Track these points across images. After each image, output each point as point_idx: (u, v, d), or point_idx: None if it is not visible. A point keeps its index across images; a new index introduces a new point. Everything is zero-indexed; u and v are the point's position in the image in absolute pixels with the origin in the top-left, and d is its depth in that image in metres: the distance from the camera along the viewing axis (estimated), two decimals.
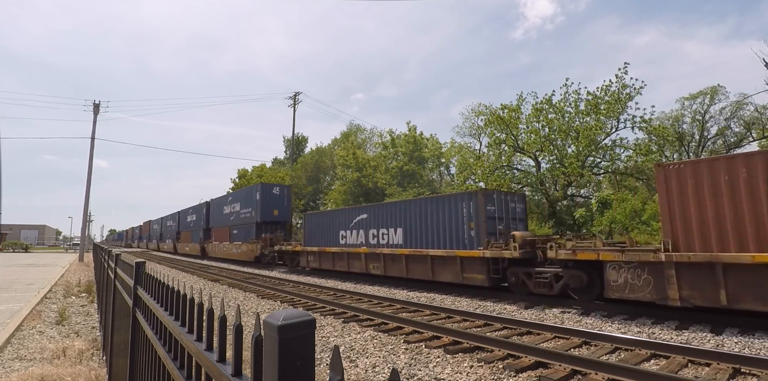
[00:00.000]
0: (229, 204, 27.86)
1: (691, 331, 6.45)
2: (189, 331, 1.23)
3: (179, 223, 38.70)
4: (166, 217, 45.28)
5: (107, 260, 5.31)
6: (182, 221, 39.57)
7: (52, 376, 4.34)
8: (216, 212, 30.53)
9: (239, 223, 25.54)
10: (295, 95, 38.43)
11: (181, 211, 40.72)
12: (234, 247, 25.11)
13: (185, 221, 38.51)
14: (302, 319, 0.63)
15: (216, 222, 30.25)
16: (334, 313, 8.41)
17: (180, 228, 38.47)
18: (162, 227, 46.99)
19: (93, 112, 28.65)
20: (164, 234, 45.62)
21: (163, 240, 46.40)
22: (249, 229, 23.82)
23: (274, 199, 23.91)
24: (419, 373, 4.80)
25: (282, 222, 24.14)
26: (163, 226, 45.76)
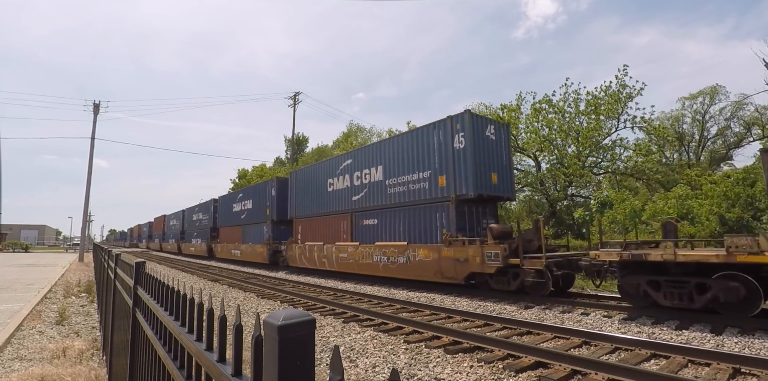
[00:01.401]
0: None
1: (691, 331, 6.44)
2: (189, 331, 1.24)
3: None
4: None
5: (107, 260, 5.31)
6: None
7: (52, 376, 4.34)
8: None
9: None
10: (295, 95, 38.45)
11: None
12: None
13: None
14: (302, 319, 0.63)
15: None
16: (334, 313, 8.41)
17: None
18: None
19: (93, 112, 28.65)
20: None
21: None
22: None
23: None
24: (419, 373, 4.80)
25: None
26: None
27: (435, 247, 11.41)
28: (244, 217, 24.68)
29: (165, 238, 46.51)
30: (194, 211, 35.56)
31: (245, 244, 23.84)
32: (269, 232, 21.29)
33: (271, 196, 21.65)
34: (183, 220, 38.97)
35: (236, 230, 25.61)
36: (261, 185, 23.49)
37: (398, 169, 13.47)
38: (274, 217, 21.19)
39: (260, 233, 22.23)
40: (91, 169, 28.04)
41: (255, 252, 22.22)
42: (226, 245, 26.84)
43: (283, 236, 20.68)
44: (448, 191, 11.67)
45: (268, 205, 21.82)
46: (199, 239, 32.70)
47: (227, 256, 26.44)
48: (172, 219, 43.23)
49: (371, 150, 14.96)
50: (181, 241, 38.32)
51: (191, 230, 35.83)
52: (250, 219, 23.81)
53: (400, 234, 13.02)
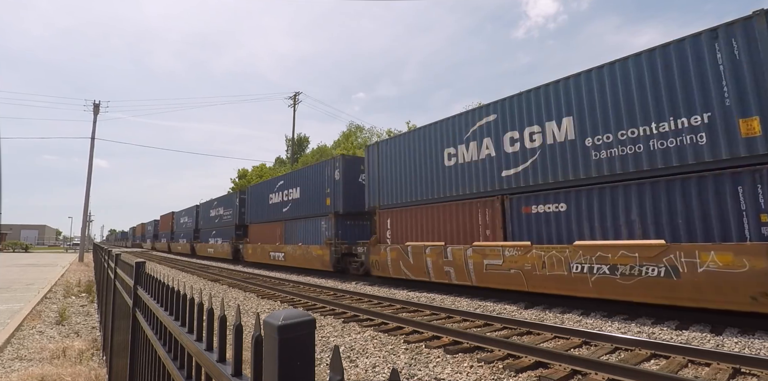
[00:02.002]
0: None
1: (691, 331, 6.45)
2: (189, 331, 1.24)
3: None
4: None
5: (107, 260, 5.31)
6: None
7: (52, 376, 4.34)
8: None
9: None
10: (295, 95, 38.46)
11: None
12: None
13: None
14: (302, 319, 0.63)
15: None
16: (334, 313, 8.41)
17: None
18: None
19: (93, 112, 28.65)
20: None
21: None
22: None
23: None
24: (419, 373, 4.80)
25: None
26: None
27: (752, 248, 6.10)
28: (288, 210, 19.61)
29: (174, 237, 42.31)
30: (212, 205, 31.06)
31: (291, 244, 18.80)
32: (332, 229, 15.96)
33: (334, 180, 16.30)
34: (197, 217, 34.38)
35: (274, 227, 20.72)
36: (316, 168, 17.92)
37: (606, 115, 8.14)
38: (339, 209, 15.82)
39: (316, 230, 17.09)
40: (91, 169, 28.05)
41: (309, 256, 17.14)
42: (261, 246, 21.56)
43: (352, 235, 16.11)
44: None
45: (328, 192, 16.58)
46: (220, 239, 28.36)
47: (262, 259, 21.36)
48: (183, 216, 38.84)
49: (551, 91, 9.19)
50: (196, 240, 33.96)
51: (209, 228, 31.30)
52: (298, 212, 18.77)
53: (629, 226, 7.68)
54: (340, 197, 15.99)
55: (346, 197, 15.91)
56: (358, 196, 15.65)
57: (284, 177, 21.10)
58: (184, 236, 38.36)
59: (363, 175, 15.69)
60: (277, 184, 21.36)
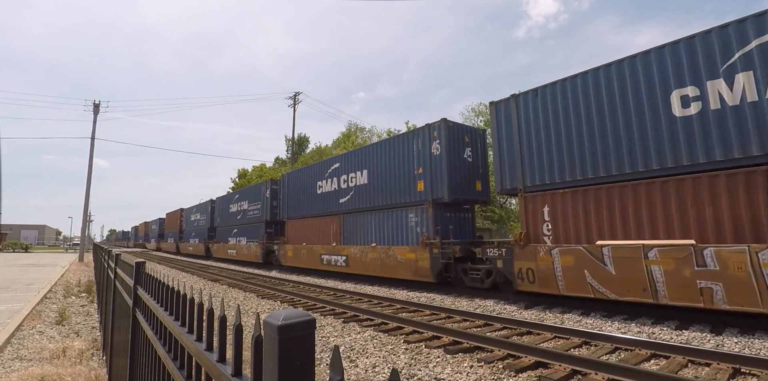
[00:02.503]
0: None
1: (691, 331, 6.45)
2: (189, 331, 1.24)
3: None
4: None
5: (107, 260, 5.31)
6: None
7: (52, 376, 4.34)
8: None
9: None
10: (295, 95, 38.45)
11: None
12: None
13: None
14: (302, 319, 0.63)
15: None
16: (334, 313, 8.41)
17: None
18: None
19: (93, 112, 28.66)
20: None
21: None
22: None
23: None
24: (419, 373, 4.80)
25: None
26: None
27: None
28: (349, 200, 15.32)
29: (184, 237, 38.51)
30: (233, 199, 27.24)
31: (357, 245, 14.43)
32: (428, 224, 11.74)
33: (431, 156, 11.98)
34: (212, 214, 30.81)
35: (326, 223, 16.58)
36: (398, 141, 13.24)
37: None
38: (443, 195, 11.49)
39: (400, 225, 12.80)
40: (91, 169, 28.05)
41: (390, 261, 12.70)
42: (309, 248, 17.18)
43: (454, 231, 11.95)
44: None
45: (420, 174, 12.31)
46: (244, 238, 24.44)
47: (309, 264, 17.12)
48: (195, 213, 35.24)
49: None
50: (211, 240, 30.58)
51: (228, 226, 27.60)
52: (365, 202, 14.40)
53: None
54: (443, 180, 11.48)
55: (453, 179, 11.55)
56: (465, 178, 11.98)
57: (340, 158, 16.42)
58: (196, 235, 34.38)
59: (469, 149, 12.24)
60: (329, 168, 16.92)
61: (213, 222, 31.04)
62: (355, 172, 15.29)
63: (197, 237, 34.07)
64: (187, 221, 37.91)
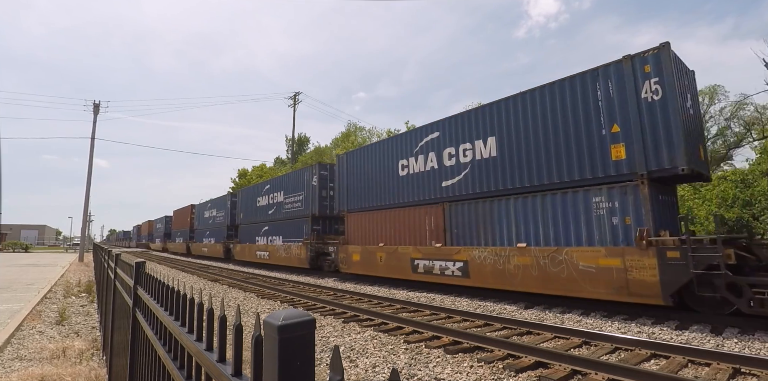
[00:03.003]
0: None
1: (691, 331, 6.45)
2: (189, 331, 1.23)
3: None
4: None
5: (107, 260, 5.31)
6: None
7: (52, 376, 4.34)
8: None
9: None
10: (295, 95, 38.45)
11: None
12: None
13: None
14: (302, 319, 0.63)
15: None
16: (334, 313, 8.41)
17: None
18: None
19: (93, 112, 28.66)
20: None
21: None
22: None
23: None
24: (419, 373, 4.80)
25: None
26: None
27: None
28: (459, 183, 11.32)
29: (195, 236, 34.20)
30: (260, 191, 22.89)
31: (485, 246, 10.22)
32: (634, 207, 7.75)
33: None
34: (233, 209, 27.01)
35: (416, 215, 12.40)
36: (595, 74, 8.57)
37: None
38: (679, 162, 7.33)
39: (576, 211, 8.58)
40: (91, 169, 28.05)
41: (569, 272, 8.30)
42: (393, 251, 12.80)
43: (662, 219, 7.95)
44: None
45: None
46: (278, 237, 20.02)
47: (396, 272, 12.70)
48: (210, 209, 31.24)
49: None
50: (231, 240, 26.39)
51: (255, 223, 22.97)
52: (498, 183, 10.28)
53: None
54: (672, 139, 7.50)
55: (689, 139, 7.72)
56: (692, 140, 8.01)
57: (440, 124, 12.12)
58: (211, 235, 30.22)
59: (689, 95, 8.48)
60: (420, 140, 12.52)
61: (233, 218, 27.00)
62: (470, 141, 11.06)
63: (213, 236, 29.81)
64: (199, 218, 33.55)
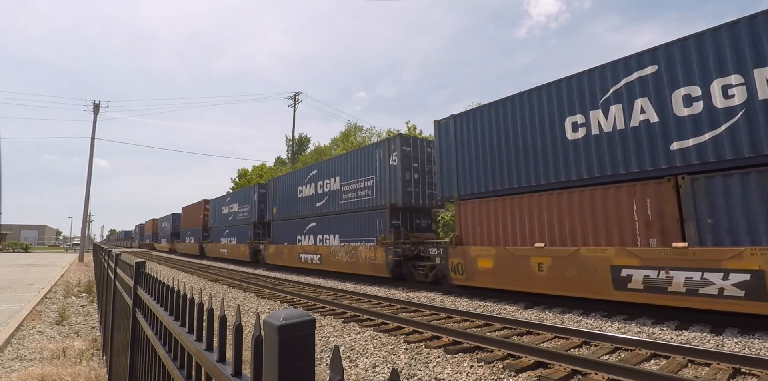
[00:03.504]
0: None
1: (691, 331, 6.45)
2: (189, 331, 1.23)
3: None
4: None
5: (107, 260, 5.31)
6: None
7: (52, 376, 4.34)
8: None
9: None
10: (295, 95, 38.45)
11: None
12: None
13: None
14: (302, 319, 0.63)
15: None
16: (334, 313, 8.41)
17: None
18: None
19: (93, 112, 28.66)
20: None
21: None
22: None
23: None
24: (419, 373, 4.80)
25: None
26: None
27: None
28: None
29: (211, 235, 30.31)
30: (303, 179, 18.42)
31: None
32: None
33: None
34: (262, 202, 22.71)
35: (623, 194, 7.88)
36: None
37: None
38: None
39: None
40: (91, 169, 28.05)
41: None
42: (623, 252, 7.51)
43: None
44: None
45: None
46: (333, 235, 15.96)
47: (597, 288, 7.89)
48: (229, 203, 27.07)
49: None
50: (261, 241, 22.00)
51: (293, 218, 18.95)
52: None
53: None
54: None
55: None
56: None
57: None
58: (232, 234, 25.99)
59: None
60: (622, 77, 8.09)
61: (260, 215, 22.79)
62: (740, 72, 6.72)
63: (234, 235, 25.69)
64: (216, 215, 29.38)
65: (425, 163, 14.08)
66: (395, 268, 12.76)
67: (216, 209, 30.15)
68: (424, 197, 13.87)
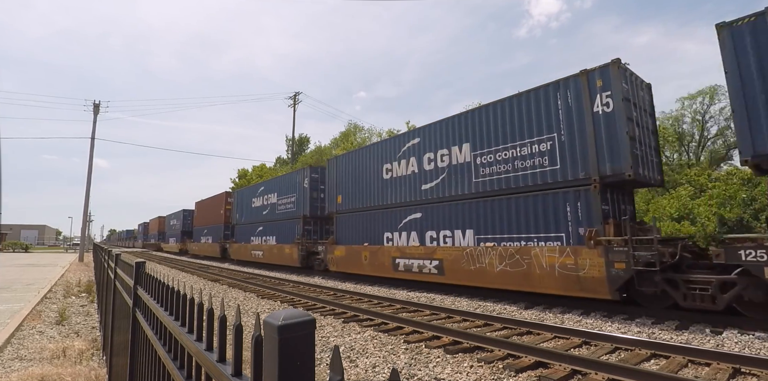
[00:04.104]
0: None
1: (691, 331, 6.45)
2: (189, 331, 1.24)
3: None
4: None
5: (107, 260, 5.31)
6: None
7: (52, 376, 4.34)
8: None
9: None
10: (295, 95, 38.44)
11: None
12: None
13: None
14: (302, 319, 0.63)
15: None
16: (334, 313, 8.41)
17: None
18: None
19: (93, 112, 28.66)
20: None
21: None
22: None
23: None
24: (419, 373, 4.80)
25: None
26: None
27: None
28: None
29: (237, 234, 25.08)
30: (398, 149, 13.34)
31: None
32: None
33: None
34: (314, 190, 18.29)
35: None
36: None
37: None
38: None
39: None
40: (91, 169, 28.04)
41: None
42: None
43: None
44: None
45: None
46: (468, 231, 10.67)
47: None
48: (264, 194, 22.37)
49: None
50: (317, 240, 17.93)
51: (385, 208, 13.64)
52: None
53: None
54: None
55: None
56: None
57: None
58: (267, 231, 21.37)
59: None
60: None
61: (314, 206, 18.25)
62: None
63: (272, 234, 20.78)
64: (242, 208, 24.35)
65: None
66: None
67: (242, 202, 24.76)
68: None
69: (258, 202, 23.21)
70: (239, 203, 25.78)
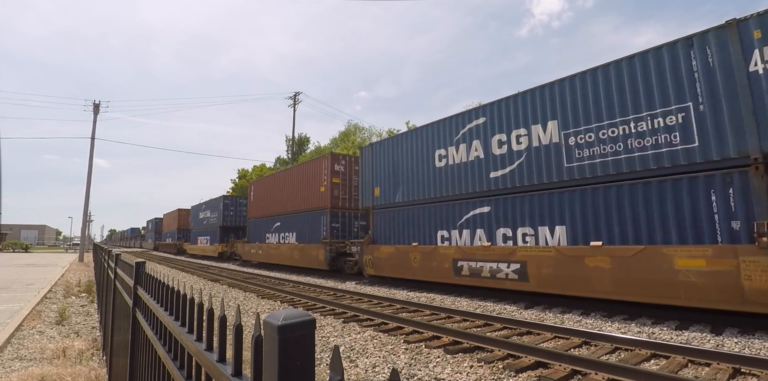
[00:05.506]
0: None
1: (691, 331, 6.45)
2: (189, 331, 1.23)
3: None
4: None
5: (107, 260, 5.31)
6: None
7: (52, 376, 4.34)
8: None
9: None
10: (295, 95, 38.45)
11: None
12: None
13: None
14: (302, 319, 0.63)
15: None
16: (334, 313, 8.41)
17: None
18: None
19: (93, 112, 28.67)
20: None
21: None
22: None
23: None
24: (419, 373, 4.80)
25: None
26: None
27: None
28: None
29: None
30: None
31: None
32: None
33: None
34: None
35: None
36: None
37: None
38: None
39: None
40: (91, 169, 28.05)
41: None
42: None
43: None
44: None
45: None
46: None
47: None
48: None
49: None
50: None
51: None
52: None
53: None
54: None
55: None
56: None
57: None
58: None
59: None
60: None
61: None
62: None
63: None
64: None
65: None
66: None
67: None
68: None
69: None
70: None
